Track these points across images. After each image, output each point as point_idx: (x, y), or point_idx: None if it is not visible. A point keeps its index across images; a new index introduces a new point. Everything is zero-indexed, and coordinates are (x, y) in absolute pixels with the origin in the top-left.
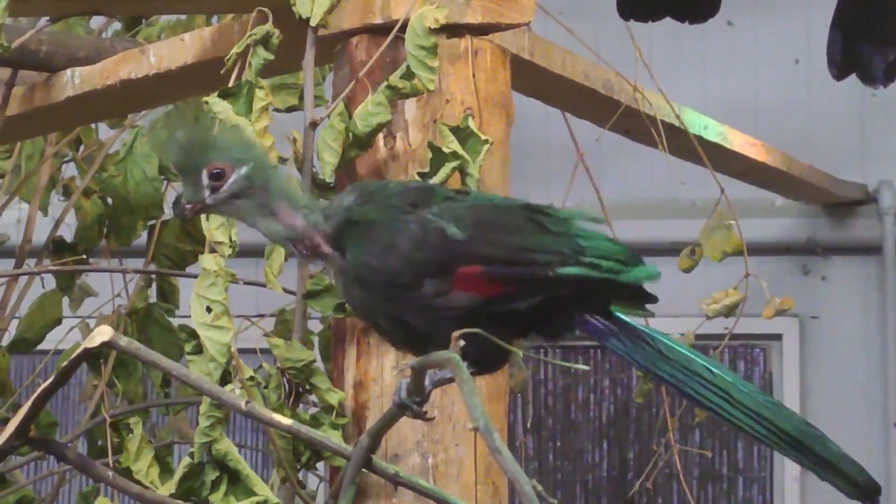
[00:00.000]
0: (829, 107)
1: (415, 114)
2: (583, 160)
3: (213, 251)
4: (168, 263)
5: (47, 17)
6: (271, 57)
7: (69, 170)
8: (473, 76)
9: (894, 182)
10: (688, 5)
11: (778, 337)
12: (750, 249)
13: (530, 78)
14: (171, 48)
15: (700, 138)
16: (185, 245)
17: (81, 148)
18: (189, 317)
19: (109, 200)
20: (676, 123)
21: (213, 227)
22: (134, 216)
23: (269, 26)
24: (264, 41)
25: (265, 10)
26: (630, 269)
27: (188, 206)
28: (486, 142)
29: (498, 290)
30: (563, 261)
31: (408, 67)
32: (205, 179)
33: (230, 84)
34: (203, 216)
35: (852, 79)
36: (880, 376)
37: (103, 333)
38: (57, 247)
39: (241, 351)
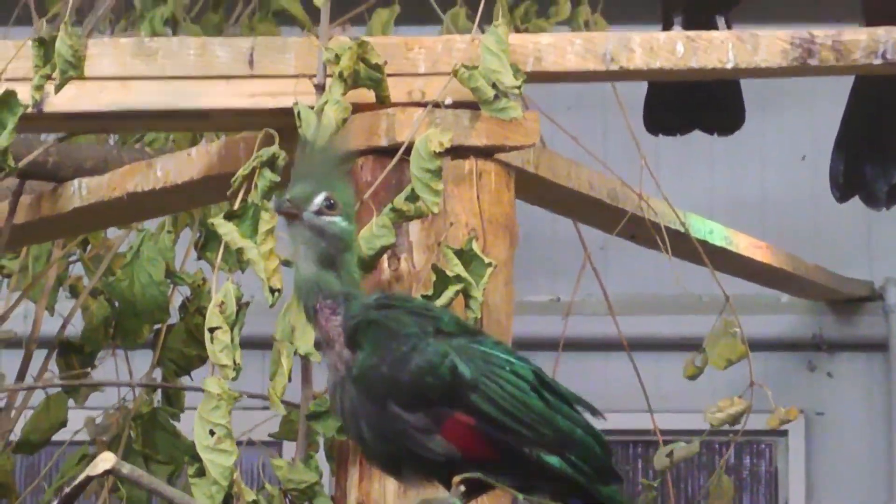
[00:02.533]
0: (835, 203)
1: (419, 235)
2: (590, 260)
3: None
4: (174, 367)
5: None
6: (277, 179)
7: (76, 268)
8: (478, 198)
9: None
10: (715, 119)
11: (783, 433)
12: (755, 345)
13: (536, 189)
14: (178, 162)
15: (705, 243)
16: (191, 350)
17: (89, 248)
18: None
19: (116, 303)
20: (681, 230)
21: (218, 349)
22: (140, 319)
23: (275, 148)
24: (270, 163)
25: (272, 131)
26: (604, 485)
27: (288, 204)
28: (489, 265)
29: (479, 451)
30: (551, 446)
31: (412, 190)
32: (319, 199)
33: (236, 206)
34: (208, 335)
35: None
36: (885, 473)
37: (106, 461)
38: (63, 349)
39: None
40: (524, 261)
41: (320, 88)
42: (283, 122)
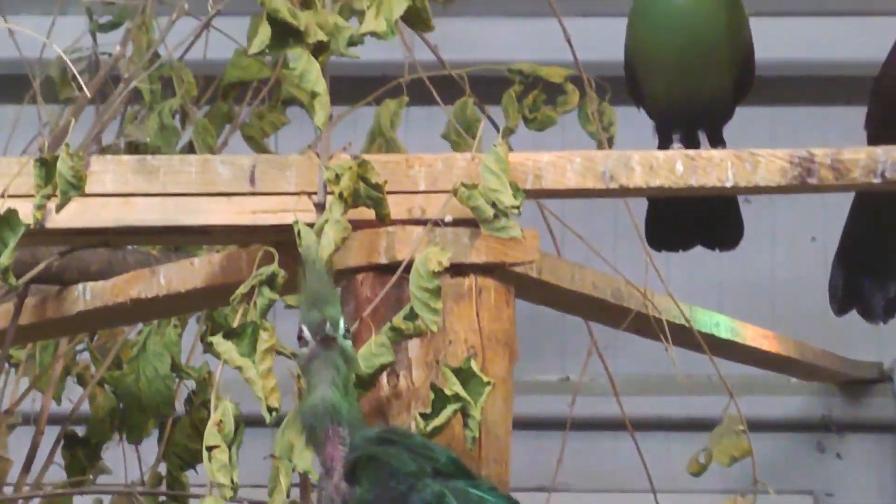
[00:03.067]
0: None
1: (418, 352)
2: (596, 346)
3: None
4: (178, 462)
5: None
6: (276, 297)
7: (84, 354)
8: (477, 315)
9: None
10: (715, 235)
11: None
12: (764, 426)
13: (539, 292)
14: (181, 271)
15: (712, 336)
16: (195, 444)
17: (96, 337)
18: None
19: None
20: (686, 325)
21: (215, 468)
22: (145, 414)
23: (274, 266)
24: (269, 281)
25: (271, 249)
26: None
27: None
28: (488, 383)
29: None
30: None
31: (411, 309)
32: (342, 323)
33: (235, 324)
34: (206, 453)
35: None
36: None
37: None
38: (69, 441)
39: None
40: (533, 339)
41: (320, 207)
42: (283, 238)
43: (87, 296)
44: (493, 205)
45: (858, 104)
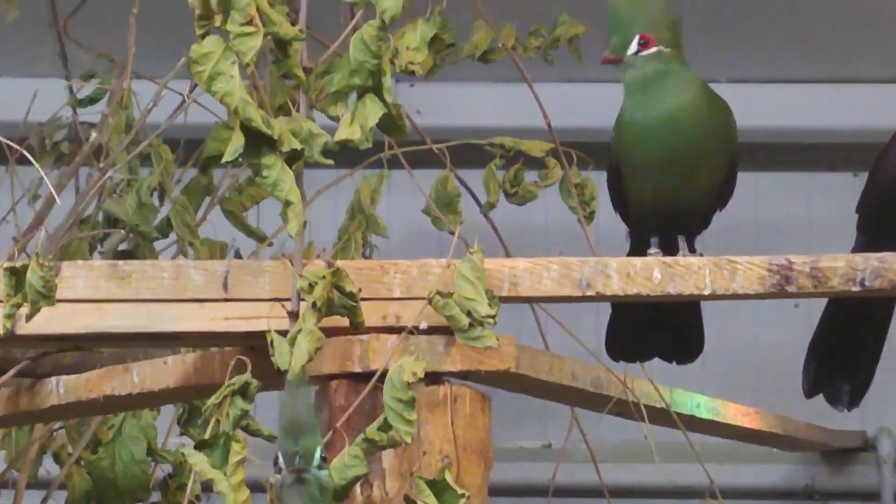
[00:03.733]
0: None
1: (392, 462)
2: (578, 423)
3: None
4: None
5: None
6: (249, 407)
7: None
8: (452, 423)
9: (893, 429)
10: (675, 350)
11: None
12: (748, 494)
13: (517, 383)
14: (154, 370)
15: (692, 417)
16: None
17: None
18: None
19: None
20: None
21: None
22: (121, 499)
23: (247, 376)
24: (242, 391)
25: (244, 359)
26: None
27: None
28: (462, 495)
29: None
30: None
31: (385, 419)
32: (318, 453)
33: (207, 435)
34: None
35: None
36: None
37: None
38: None
39: None
40: (515, 405)
41: (294, 316)
42: (257, 342)
43: (60, 389)
44: (469, 314)
45: (842, 170)
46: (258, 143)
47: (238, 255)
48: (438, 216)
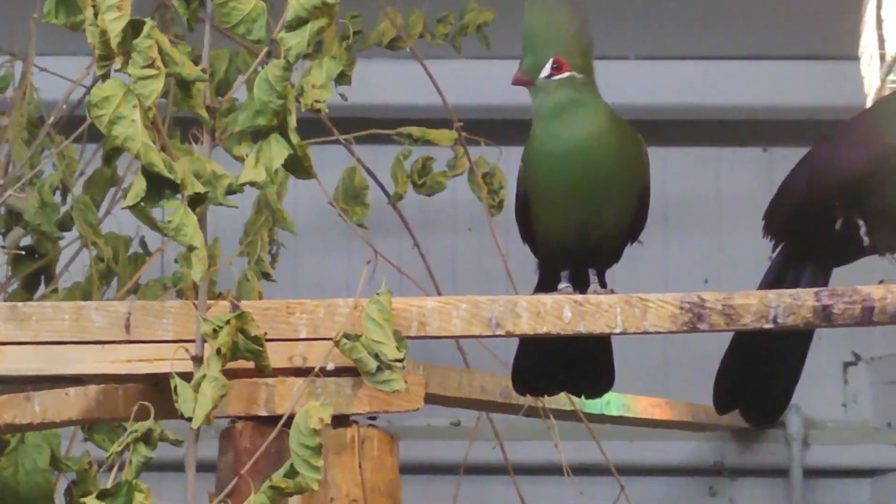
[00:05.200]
0: None
1: None
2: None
3: None
4: None
5: None
6: (152, 455)
7: None
8: (360, 466)
9: (803, 408)
10: (583, 385)
11: None
12: (659, 470)
13: (429, 399)
14: (56, 401)
15: (603, 416)
16: None
17: None
18: None
19: None
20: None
21: None
22: None
23: (150, 422)
24: (145, 438)
25: (147, 404)
26: None
27: None
28: None
29: None
30: None
31: (292, 466)
32: None
33: (109, 485)
34: None
35: None
36: None
37: None
38: None
39: None
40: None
41: (198, 361)
42: (160, 382)
43: None
44: (377, 356)
45: (752, 146)
46: (160, 187)
47: (143, 246)
48: (346, 206)
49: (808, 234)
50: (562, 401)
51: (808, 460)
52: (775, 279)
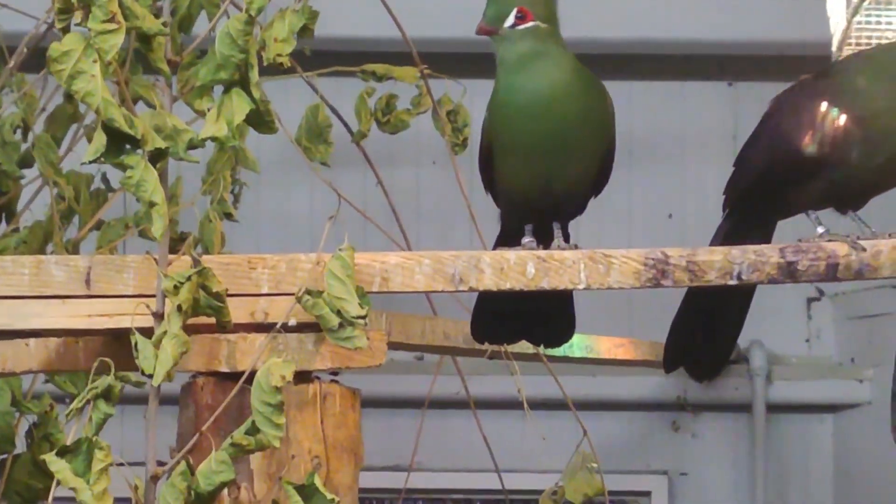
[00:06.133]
0: None
1: (260, 463)
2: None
3: None
4: (19, 500)
5: None
6: (112, 412)
7: None
8: (322, 422)
9: (765, 342)
10: (543, 334)
11: (647, 493)
12: (621, 405)
13: (391, 346)
14: (16, 351)
15: (567, 357)
16: (36, 481)
17: None
18: None
19: None
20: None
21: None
22: None
23: (110, 378)
24: (105, 394)
25: (108, 360)
26: None
27: None
28: (331, 500)
29: None
30: None
31: (253, 423)
32: None
33: (68, 441)
34: None
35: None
36: None
37: None
38: None
39: None
40: None
41: (159, 317)
42: (122, 339)
43: None
44: (339, 313)
45: (718, 80)
46: (120, 141)
47: (105, 182)
48: (309, 145)
49: (767, 204)
50: (524, 344)
51: (771, 396)
52: (725, 238)
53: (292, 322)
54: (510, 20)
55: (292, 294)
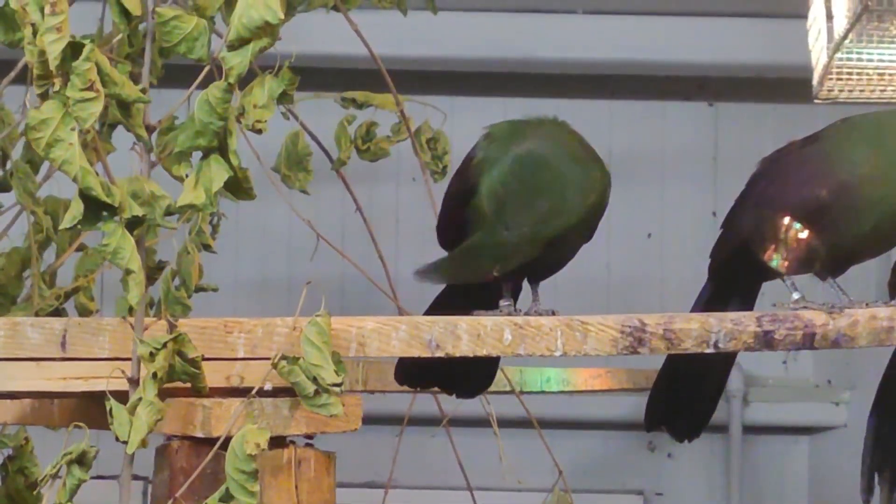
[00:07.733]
0: (680, 281)
1: None
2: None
3: None
4: None
5: None
6: (87, 478)
7: None
8: (296, 487)
9: (743, 364)
10: (456, 386)
11: None
12: (597, 425)
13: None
14: None
15: (543, 392)
16: None
17: None
18: None
19: None
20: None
21: None
22: None
23: (85, 444)
24: (80, 460)
25: (82, 425)
26: None
27: None
28: None
29: None
30: None
31: (227, 490)
32: None
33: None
34: None
35: (703, 252)
36: None
37: None
38: None
39: None
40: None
41: (134, 382)
42: (97, 398)
43: None
44: (315, 380)
45: (698, 100)
46: (98, 209)
47: None
48: (289, 173)
49: (751, 266)
50: (500, 383)
51: (747, 417)
52: (707, 303)
53: (268, 387)
54: None
55: (268, 359)
